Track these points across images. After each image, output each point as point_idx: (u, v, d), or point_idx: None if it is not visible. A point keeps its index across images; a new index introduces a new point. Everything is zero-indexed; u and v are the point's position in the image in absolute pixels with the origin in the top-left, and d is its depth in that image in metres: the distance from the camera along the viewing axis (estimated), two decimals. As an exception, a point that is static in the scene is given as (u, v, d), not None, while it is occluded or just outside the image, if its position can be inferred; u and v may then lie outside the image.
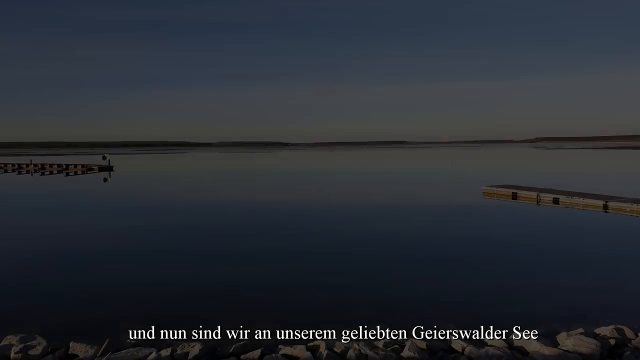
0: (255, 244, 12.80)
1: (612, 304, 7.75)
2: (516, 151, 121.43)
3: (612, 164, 56.29)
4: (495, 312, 7.42)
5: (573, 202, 19.18)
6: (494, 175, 36.22)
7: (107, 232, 14.90)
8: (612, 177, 35.03)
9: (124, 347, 5.84)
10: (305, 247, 12.29)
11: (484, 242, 12.86)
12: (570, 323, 6.67)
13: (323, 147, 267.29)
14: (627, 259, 10.89)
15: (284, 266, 10.44)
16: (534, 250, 11.71)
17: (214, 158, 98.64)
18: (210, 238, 13.88)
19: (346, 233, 14.29)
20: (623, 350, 5.60)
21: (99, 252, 11.90)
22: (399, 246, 12.43)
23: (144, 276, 9.74)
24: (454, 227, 15.05)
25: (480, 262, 10.65)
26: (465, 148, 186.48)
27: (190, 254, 11.65)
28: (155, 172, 52.21)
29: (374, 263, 10.64)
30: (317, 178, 39.06)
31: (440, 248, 12.17)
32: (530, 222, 16.65)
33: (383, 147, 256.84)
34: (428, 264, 10.60)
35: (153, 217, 18.22)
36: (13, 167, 55.28)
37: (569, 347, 5.54)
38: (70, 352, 5.72)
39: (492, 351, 5.42)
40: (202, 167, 61.29)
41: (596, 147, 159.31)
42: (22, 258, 11.43)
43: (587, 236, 14.10)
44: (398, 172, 45.91)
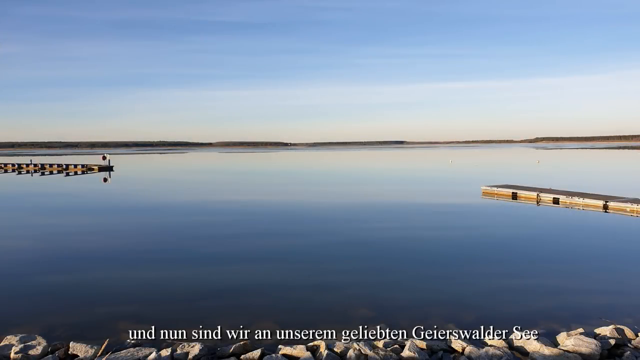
0: (255, 244, 12.80)
1: (612, 304, 7.75)
2: (516, 151, 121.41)
3: (612, 164, 56.29)
4: (495, 312, 7.42)
5: (573, 202, 19.19)
6: (494, 175, 36.23)
7: (107, 232, 14.90)
8: (612, 177, 35.03)
9: (124, 347, 5.84)
10: (305, 247, 12.29)
11: (483, 242, 12.86)
12: (570, 323, 6.68)
13: (323, 147, 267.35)
14: (627, 259, 10.89)
15: (284, 266, 10.44)
16: (534, 251, 11.72)
17: (214, 158, 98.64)
18: (210, 238, 13.87)
19: (346, 233, 14.29)
20: (623, 350, 5.61)
21: (98, 252, 11.90)
22: (398, 246, 12.43)
23: (144, 276, 9.74)
24: (453, 227, 15.04)
25: (480, 262, 10.64)
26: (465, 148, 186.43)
27: (190, 254, 11.65)
28: (155, 172, 52.21)
29: (374, 263, 10.64)
30: (317, 178, 39.07)
31: (440, 248, 12.17)
32: (530, 222, 16.65)
33: (382, 147, 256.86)
34: (428, 264, 10.60)
35: (153, 217, 18.21)
36: (13, 167, 55.30)
37: (569, 347, 5.54)
38: (70, 352, 5.72)
39: (492, 351, 5.42)
40: (202, 167, 61.29)
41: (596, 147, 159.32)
42: (22, 258, 11.43)
43: (587, 236, 14.11)
44: (398, 172, 45.91)
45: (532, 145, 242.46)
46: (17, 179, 41.08)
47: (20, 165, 55.96)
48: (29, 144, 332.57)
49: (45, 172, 49.61)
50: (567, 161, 64.62)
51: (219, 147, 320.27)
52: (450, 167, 51.33)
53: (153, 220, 17.32)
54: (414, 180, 35.71)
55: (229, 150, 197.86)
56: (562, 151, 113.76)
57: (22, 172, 50.48)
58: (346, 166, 59.05)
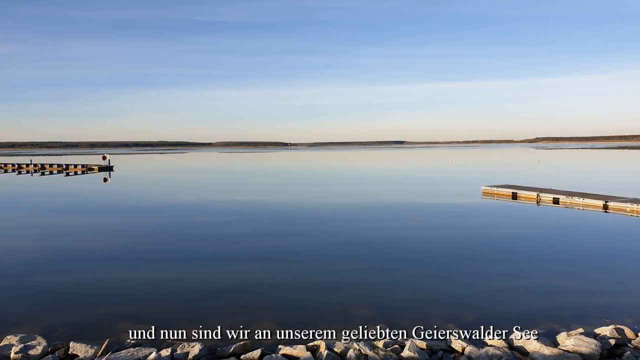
0: (255, 244, 12.80)
1: (612, 304, 7.75)
2: (516, 151, 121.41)
3: (612, 164, 56.29)
4: (495, 312, 7.42)
5: (573, 202, 19.18)
6: (494, 175, 36.22)
7: (107, 232, 14.90)
8: (612, 177, 35.03)
9: (124, 347, 5.84)
10: (305, 247, 12.29)
11: (483, 242, 12.86)
12: (570, 323, 6.68)
13: (323, 147, 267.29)
14: (627, 259, 10.89)
15: (284, 266, 10.44)
16: (534, 251, 11.72)
17: (214, 158, 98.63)
18: (210, 238, 13.87)
19: (346, 233, 14.29)
20: (623, 350, 5.61)
21: (98, 252, 11.90)
22: (398, 246, 12.43)
23: (144, 276, 9.74)
24: (453, 227, 15.04)
25: (480, 262, 10.64)
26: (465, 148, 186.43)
27: (190, 254, 11.65)
28: (156, 172, 52.20)
29: (374, 263, 10.64)
30: (317, 178, 39.06)
31: (440, 248, 12.17)
32: (530, 222, 16.65)
33: (382, 147, 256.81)
34: (428, 264, 10.60)
35: (153, 217, 18.21)
36: (13, 167, 55.31)
37: (569, 347, 5.54)
38: (70, 352, 5.72)
39: (492, 351, 5.42)
40: (202, 167, 61.28)
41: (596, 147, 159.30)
42: (22, 258, 11.43)
43: (587, 236, 14.11)
44: (398, 172, 45.91)
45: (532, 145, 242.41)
46: (17, 179, 41.08)
47: (20, 165, 55.96)
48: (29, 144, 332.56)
49: (45, 172, 49.61)
50: (567, 161, 64.61)
51: (219, 147, 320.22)
52: (450, 167, 51.33)
53: (153, 220, 17.31)
54: (414, 180, 35.71)
55: (229, 150, 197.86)
56: (562, 151, 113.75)
57: (22, 172, 50.49)
58: (346, 166, 59.04)
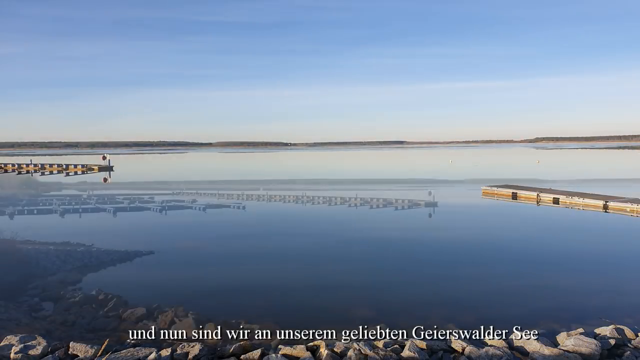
0: (255, 244, 12.80)
1: (612, 304, 7.75)
2: (516, 151, 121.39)
3: (612, 164, 56.28)
4: (495, 312, 7.43)
5: (573, 202, 19.18)
6: (494, 175, 36.22)
7: (107, 231, 14.91)
8: (612, 177, 35.02)
9: (124, 347, 5.84)
10: (305, 247, 12.30)
11: (483, 242, 12.86)
12: (570, 323, 6.68)
13: (323, 147, 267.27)
14: (627, 259, 10.90)
15: (284, 266, 10.44)
16: (534, 251, 11.72)
17: (214, 158, 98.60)
18: (210, 238, 13.87)
19: (345, 233, 14.29)
20: (623, 350, 5.60)
21: (98, 252, 11.89)
22: (398, 246, 12.43)
23: (143, 276, 9.75)
24: (453, 227, 15.05)
25: (480, 262, 10.65)
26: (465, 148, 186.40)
27: (189, 254, 11.66)
28: (156, 171, 52.19)
29: (374, 263, 10.64)
30: (316, 178, 39.04)
31: (439, 248, 12.17)
32: (530, 222, 16.65)
33: (382, 147, 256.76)
34: (428, 264, 10.60)
35: (152, 216, 18.21)
36: (13, 167, 55.29)
37: (569, 347, 5.54)
38: (70, 352, 5.72)
39: (492, 351, 5.42)
40: (202, 167, 61.27)
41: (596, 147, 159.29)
42: (22, 258, 11.42)
43: (587, 236, 14.11)
44: (397, 172, 45.91)
45: (532, 145, 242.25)
46: (17, 179, 41.06)
47: (20, 165, 55.93)
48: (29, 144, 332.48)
49: (45, 172, 49.60)
50: (567, 161, 64.62)
51: (219, 147, 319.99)
52: (450, 167, 51.31)
53: (152, 220, 17.31)
54: (414, 180, 35.69)
55: (229, 150, 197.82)
56: (562, 151, 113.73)
57: (22, 172, 50.47)
58: (346, 166, 59.03)
